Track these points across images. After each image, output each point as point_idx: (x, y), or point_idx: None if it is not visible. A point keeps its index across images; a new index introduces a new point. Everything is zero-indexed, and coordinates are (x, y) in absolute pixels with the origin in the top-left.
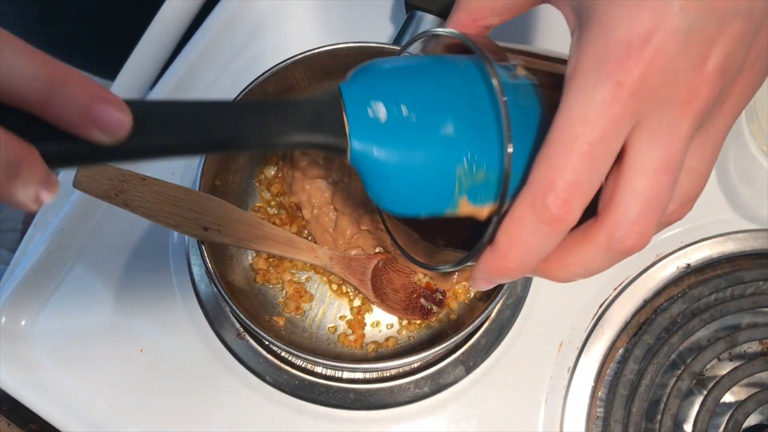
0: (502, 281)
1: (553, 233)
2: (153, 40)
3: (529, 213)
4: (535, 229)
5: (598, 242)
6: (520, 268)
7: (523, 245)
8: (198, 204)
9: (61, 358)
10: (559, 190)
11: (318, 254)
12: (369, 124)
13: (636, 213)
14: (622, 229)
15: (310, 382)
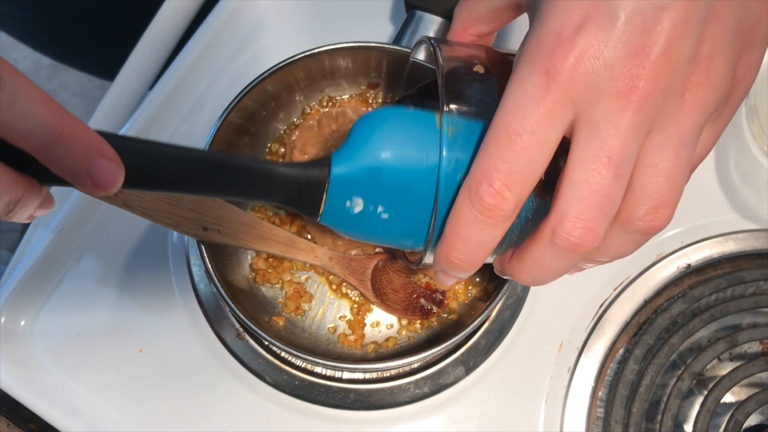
0: (459, 274)
1: (490, 223)
2: (153, 40)
3: (467, 204)
4: (473, 219)
5: (544, 238)
6: (468, 259)
7: (464, 235)
8: (197, 204)
9: (60, 359)
10: (491, 179)
11: (318, 254)
12: (341, 212)
13: (577, 207)
14: (564, 224)
15: (309, 382)
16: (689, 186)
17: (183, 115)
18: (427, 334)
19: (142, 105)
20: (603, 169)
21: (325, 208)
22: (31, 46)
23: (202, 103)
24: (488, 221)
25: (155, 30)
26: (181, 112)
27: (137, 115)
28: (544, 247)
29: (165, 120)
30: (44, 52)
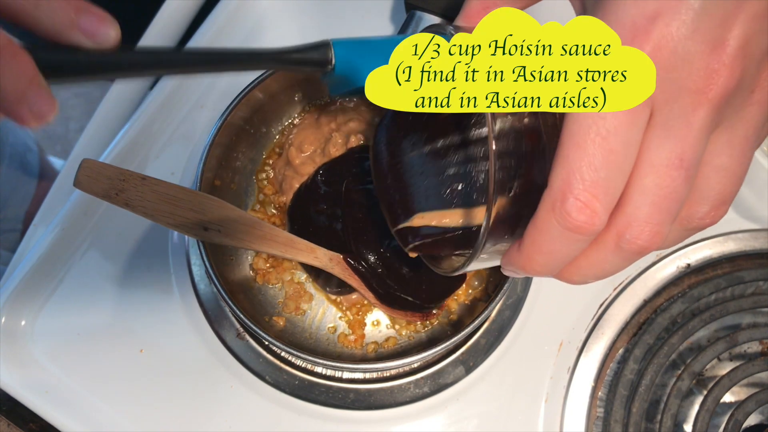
0: (530, 275)
1: (579, 239)
2: (153, 40)
3: (551, 220)
4: (558, 236)
5: (608, 243)
6: (547, 270)
7: (547, 251)
8: (198, 204)
9: (60, 358)
10: (577, 191)
11: (317, 255)
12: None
13: (647, 212)
14: (632, 229)
15: (310, 382)
16: None
17: (183, 115)
18: (427, 334)
19: (143, 105)
20: (674, 172)
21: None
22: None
23: (202, 103)
24: (577, 237)
25: (156, 30)
26: (182, 112)
27: (137, 115)
28: (607, 250)
29: (165, 120)
30: None
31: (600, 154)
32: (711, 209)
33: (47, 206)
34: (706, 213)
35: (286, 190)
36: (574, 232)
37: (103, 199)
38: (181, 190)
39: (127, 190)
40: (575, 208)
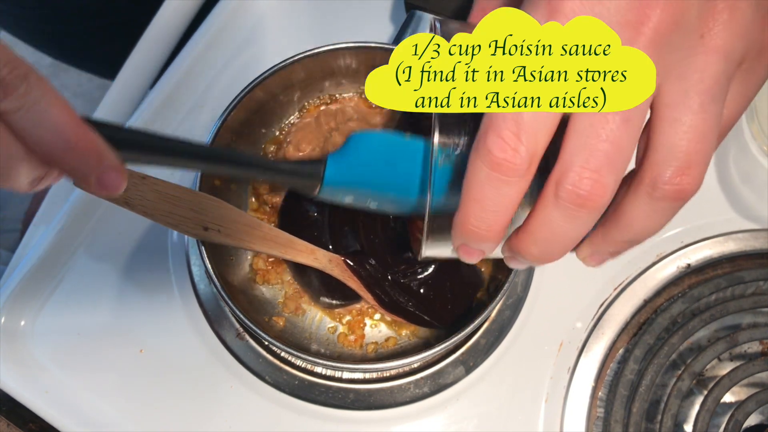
0: (480, 244)
1: (503, 180)
2: (153, 40)
3: (478, 161)
4: (485, 178)
5: (548, 196)
6: (486, 226)
7: (478, 197)
8: (198, 204)
9: (60, 359)
10: (499, 129)
11: (317, 256)
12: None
13: (582, 157)
14: (568, 176)
15: (309, 382)
16: None
17: (183, 114)
18: (427, 334)
19: (142, 105)
20: (609, 113)
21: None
22: (31, 44)
23: (202, 103)
24: (501, 178)
25: (155, 29)
26: (182, 112)
27: (137, 115)
28: (549, 205)
29: (165, 120)
30: (45, 51)
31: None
32: (677, 171)
33: (47, 206)
34: (672, 176)
35: (279, 188)
36: (496, 171)
37: (104, 198)
38: (181, 190)
39: (127, 189)
40: (497, 146)
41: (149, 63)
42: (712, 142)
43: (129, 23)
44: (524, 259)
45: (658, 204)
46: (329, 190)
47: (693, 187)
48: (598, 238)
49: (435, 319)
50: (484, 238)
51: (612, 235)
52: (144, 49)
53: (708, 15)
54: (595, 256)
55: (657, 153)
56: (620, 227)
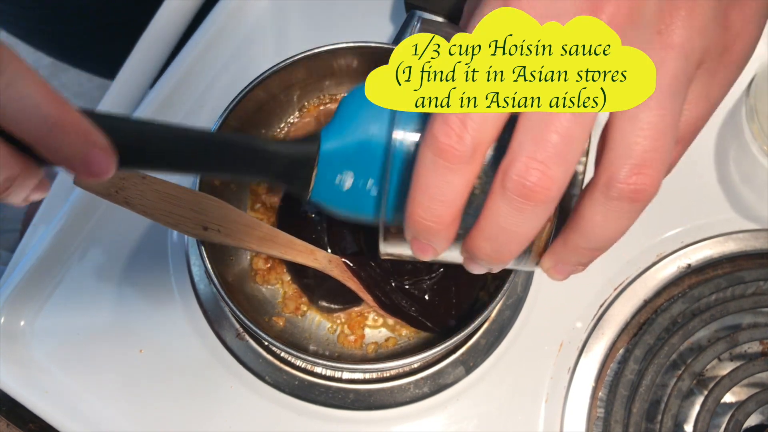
0: (430, 238)
1: (447, 167)
2: (153, 39)
3: (424, 147)
4: (430, 164)
5: (496, 188)
6: (432, 216)
7: (424, 185)
8: (198, 204)
9: (60, 359)
10: (447, 116)
11: (317, 257)
12: (331, 189)
13: (529, 147)
14: (514, 166)
15: (309, 382)
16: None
17: (183, 114)
18: (427, 334)
19: (142, 105)
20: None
21: (315, 184)
22: (31, 44)
23: (201, 103)
24: (445, 164)
25: (155, 29)
26: (181, 112)
27: (137, 115)
28: (496, 197)
29: (165, 119)
30: (44, 51)
31: None
32: (632, 170)
33: (46, 206)
34: (627, 175)
35: (276, 189)
36: (440, 157)
37: (103, 197)
38: (180, 190)
39: (127, 189)
40: (442, 131)
41: (149, 63)
42: (670, 142)
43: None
44: (478, 258)
45: (615, 205)
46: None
47: (649, 188)
48: (559, 246)
49: (437, 325)
50: (433, 231)
51: (572, 241)
52: (144, 48)
53: (666, 12)
54: (559, 267)
55: (612, 151)
56: (579, 232)
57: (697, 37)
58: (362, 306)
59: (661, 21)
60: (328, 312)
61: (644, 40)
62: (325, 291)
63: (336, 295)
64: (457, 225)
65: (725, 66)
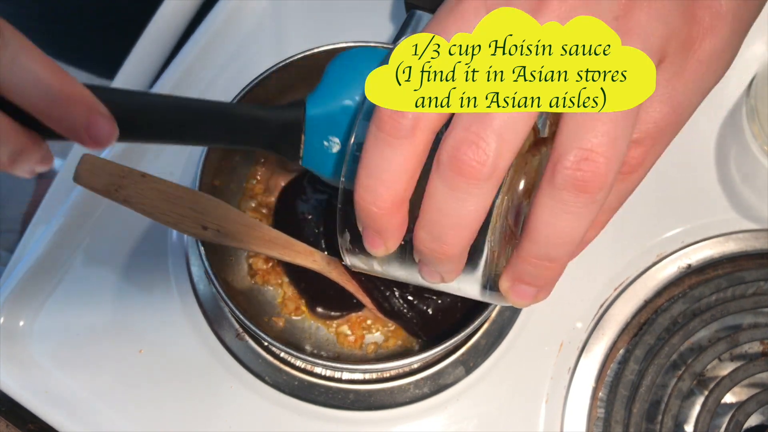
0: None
1: (386, 140)
2: (152, 39)
3: (371, 125)
4: (372, 139)
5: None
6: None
7: (365, 163)
8: (197, 203)
9: (59, 359)
10: None
11: (316, 258)
12: (321, 153)
13: (465, 120)
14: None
15: (309, 382)
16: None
17: None
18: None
19: None
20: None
21: (305, 149)
22: None
23: None
24: (385, 138)
25: (155, 29)
26: None
27: None
28: (433, 175)
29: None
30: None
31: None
32: (579, 155)
33: (46, 206)
34: (574, 161)
35: (272, 189)
36: (381, 130)
37: (102, 195)
38: (180, 189)
39: (126, 187)
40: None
41: (148, 63)
42: (624, 130)
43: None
44: (421, 253)
45: (561, 196)
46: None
47: (598, 177)
48: (514, 258)
49: (432, 338)
50: (376, 217)
51: (525, 249)
52: (143, 48)
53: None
54: (516, 287)
55: (561, 135)
56: (529, 236)
57: (656, 22)
58: (360, 313)
59: (619, 7)
60: (326, 319)
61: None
62: (323, 298)
63: (333, 302)
64: (402, 214)
65: (693, 64)
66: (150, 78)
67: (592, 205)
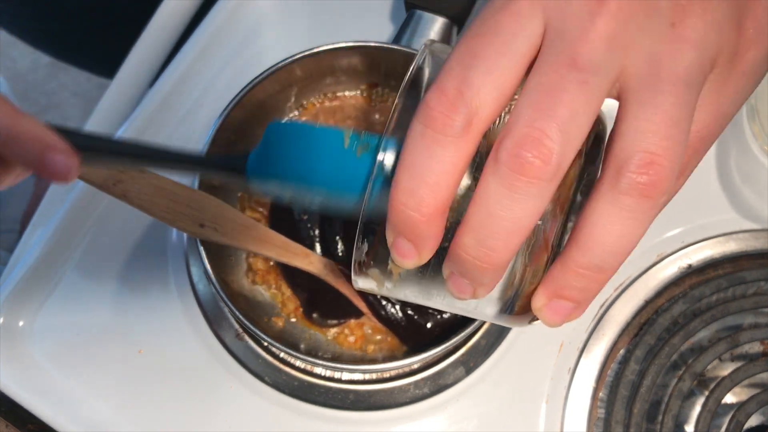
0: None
1: (436, 138)
2: (152, 39)
3: (415, 120)
4: (419, 135)
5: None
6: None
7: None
8: (195, 201)
9: (59, 359)
10: (443, 84)
11: (312, 260)
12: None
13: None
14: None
15: (309, 383)
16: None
17: (182, 114)
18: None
19: (141, 105)
20: (563, 70)
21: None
22: (29, 43)
23: (201, 103)
24: (433, 135)
25: (155, 28)
26: (181, 111)
27: (136, 115)
28: (487, 175)
29: (164, 119)
30: (43, 50)
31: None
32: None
33: (45, 206)
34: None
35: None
36: (428, 126)
37: (100, 189)
38: (178, 186)
39: (125, 182)
40: (434, 98)
41: (148, 62)
42: (684, 134)
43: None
44: (461, 262)
45: (624, 201)
46: (258, 184)
47: (664, 181)
48: (557, 270)
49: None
50: (417, 224)
51: (572, 258)
52: (143, 47)
53: (680, 6)
54: (554, 304)
55: (622, 139)
56: (581, 244)
57: (711, 32)
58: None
59: (675, 14)
60: (321, 326)
61: (657, 30)
62: (319, 304)
63: (329, 309)
64: (443, 221)
65: (736, 76)
66: (150, 77)
67: (652, 210)
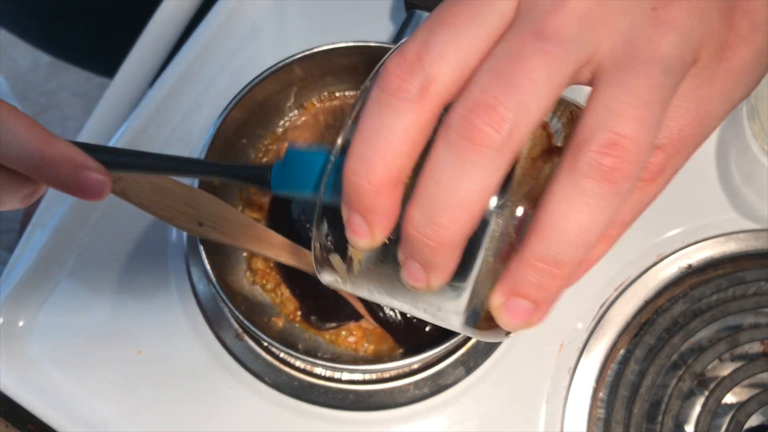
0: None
1: (391, 102)
2: (152, 38)
3: (374, 85)
4: (376, 101)
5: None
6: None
7: (362, 125)
8: (194, 199)
9: (59, 359)
10: (405, 50)
11: (310, 260)
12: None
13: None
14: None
15: (309, 383)
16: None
17: (182, 114)
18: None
19: (141, 104)
20: (528, 38)
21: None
22: (30, 43)
23: (201, 103)
24: (388, 99)
25: (154, 28)
26: (180, 111)
27: (136, 115)
28: (438, 143)
29: (164, 119)
30: (44, 49)
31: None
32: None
33: (45, 206)
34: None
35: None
36: (384, 90)
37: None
38: (177, 185)
39: (124, 179)
40: (393, 63)
41: (148, 62)
42: (656, 119)
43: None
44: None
45: (582, 183)
46: (282, 194)
47: (625, 165)
48: (514, 262)
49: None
50: (366, 195)
51: (529, 249)
52: (143, 47)
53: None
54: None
55: (588, 116)
56: (538, 231)
57: (695, 20)
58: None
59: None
60: (319, 329)
61: (638, 12)
62: (316, 307)
63: (327, 312)
64: (396, 197)
65: (723, 74)
66: (150, 77)
67: (614, 198)
